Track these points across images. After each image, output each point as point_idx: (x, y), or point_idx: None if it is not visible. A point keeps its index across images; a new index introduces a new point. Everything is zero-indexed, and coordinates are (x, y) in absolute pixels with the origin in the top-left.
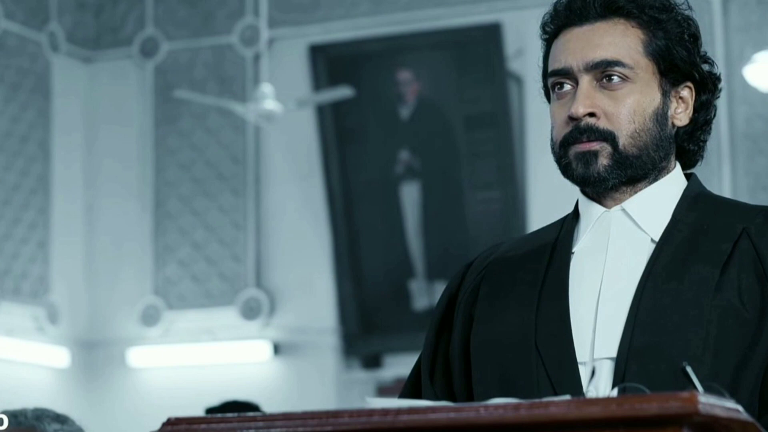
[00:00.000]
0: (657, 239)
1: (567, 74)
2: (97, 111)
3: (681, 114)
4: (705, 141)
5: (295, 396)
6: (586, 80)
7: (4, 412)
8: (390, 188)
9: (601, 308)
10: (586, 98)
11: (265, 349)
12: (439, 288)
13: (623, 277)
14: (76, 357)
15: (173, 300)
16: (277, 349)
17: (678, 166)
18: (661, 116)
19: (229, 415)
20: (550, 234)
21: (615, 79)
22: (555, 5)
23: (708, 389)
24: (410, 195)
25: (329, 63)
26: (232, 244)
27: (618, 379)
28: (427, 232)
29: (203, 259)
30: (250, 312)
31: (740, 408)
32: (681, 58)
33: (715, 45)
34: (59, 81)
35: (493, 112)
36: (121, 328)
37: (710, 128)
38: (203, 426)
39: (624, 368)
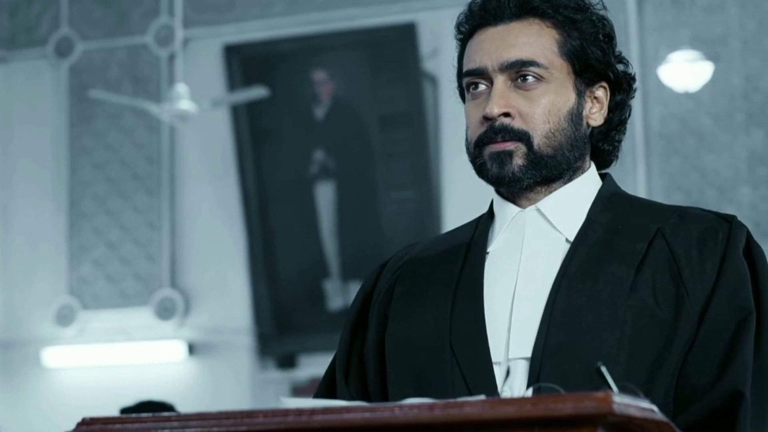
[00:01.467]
0: (572, 239)
1: (482, 74)
2: (12, 111)
3: (596, 114)
4: (620, 141)
5: (209, 396)
6: (500, 80)
7: None
8: (305, 188)
9: (516, 308)
10: (501, 98)
11: (179, 349)
12: (354, 288)
13: (538, 277)
14: None
15: (88, 300)
16: (191, 349)
17: (593, 166)
18: (575, 116)
19: (144, 415)
20: (465, 234)
21: (530, 79)
22: (470, 5)
23: (623, 389)
24: (325, 195)
25: (244, 63)
26: (146, 244)
27: (533, 379)
28: (342, 232)
29: (118, 259)
30: (164, 312)
31: (655, 408)
32: (596, 58)
33: (629, 45)
34: None
35: (407, 112)
36: (35, 328)
37: (625, 128)
38: (118, 426)
39: (539, 368)
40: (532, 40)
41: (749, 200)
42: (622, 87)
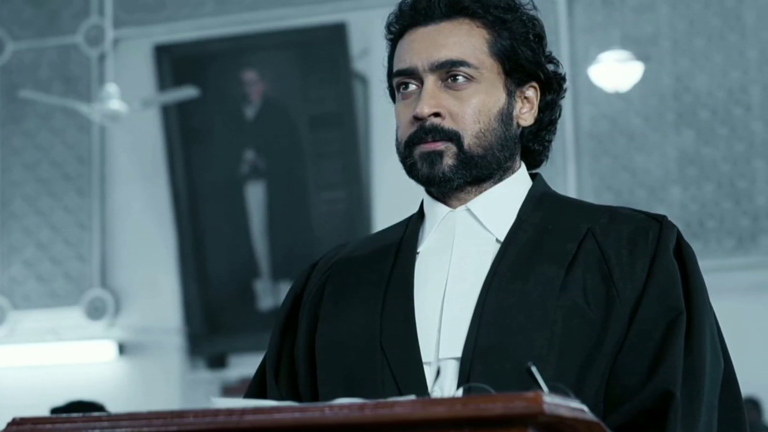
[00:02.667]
0: (502, 239)
1: (412, 74)
2: None
3: (526, 114)
4: (550, 141)
5: (140, 396)
6: (431, 80)
7: None
8: (235, 188)
9: (446, 308)
10: (431, 98)
11: (110, 349)
12: (285, 288)
13: (468, 277)
14: None
15: (18, 300)
16: (122, 349)
17: (523, 166)
18: (506, 116)
19: (74, 415)
20: (395, 234)
21: (460, 79)
22: (400, 5)
23: (553, 389)
24: (255, 195)
25: (174, 63)
26: (77, 244)
27: (463, 379)
28: (272, 232)
29: (48, 259)
30: (95, 312)
31: (585, 408)
32: (526, 58)
33: (560, 45)
34: None
35: (338, 112)
36: None
37: (555, 128)
38: (48, 426)
39: (469, 368)
40: (463, 40)
41: (679, 200)
42: (552, 87)
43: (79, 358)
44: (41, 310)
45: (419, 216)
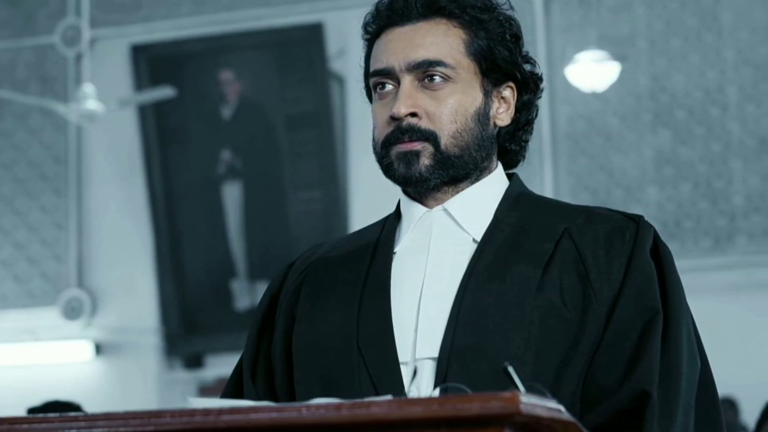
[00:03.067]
0: (479, 239)
1: (389, 74)
2: None
3: (503, 114)
4: (527, 141)
5: (117, 396)
6: (407, 80)
7: None
8: (212, 188)
9: (423, 308)
10: (408, 98)
11: (86, 349)
12: (261, 288)
13: (445, 277)
14: None
15: None
16: (99, 349)
17: (500, 166)
18: (482, 116)
19: (51, 415)
20: (372, 234)
21: (437, 79)
22: (377, 5)
23: (530, 389)
24: (232, 195)
25: (151, 63)
26: (53, 244)
27: (440, 379)
28: (248, 232)
29: (25, 259)
30: (71, 312)
31: (562, 408)
32: (503, 58)
33: (537, 45)
34: None
35: (314, 112)
36: None
37: (532, 128)
38: (25, 426)
39: (446, 368)
40: (439, 40)
41: (656, 200)
42: (529, 87)
43: (56, 358)
44: (18, 310)
45: (396, 216)
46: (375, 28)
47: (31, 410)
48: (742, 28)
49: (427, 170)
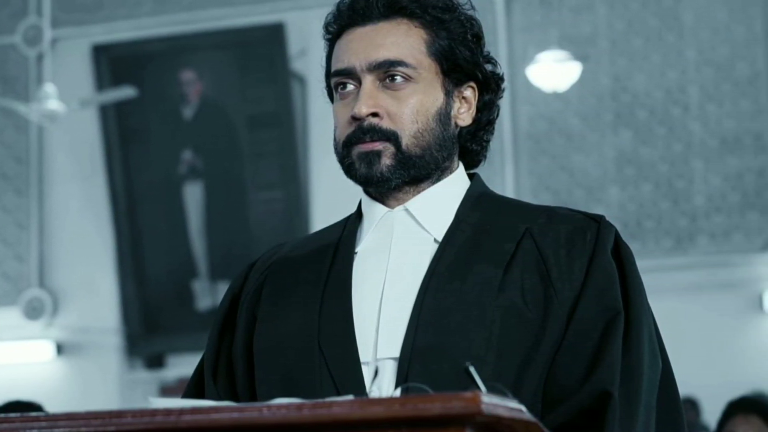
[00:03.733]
0: (440, 239)
1: (350, 74)
2: None
3: (464, 114)
4: (488, 141)
5: (78, 396)
6: (369, 80)
7: None
8: (173, 188)
9: (384, 308)
10: (369, 98)
11: (48, 349)
12: (223, 288)
13: (406, 277)
14: None
15: None
16: (60, 349)
17: (461, 166)
18: (444, 116)
19: (12, 415)
20: (333, 234)
21: (398, 79)
22: (338, 5)
23: (491, 389)
24: (193, 195)
25: (112, 63)
26: (15, 244)
27: (401, 379)
28: (210, 232)
29: None
30: (33, 312)
31: (523, 408)
32: (464, 58)
33: (498, 45)
34: None
35: (276, 112)
36: None
37: (493, 128)
38: None
39: (407, 368)
40: (401, 40)
41: (617, 200)
42: (490, 87)
43: (17, 358)
44: None
45: (357, 216)
46: (336, 28)
47: None
48: (703, 28)
49: (388, 170)
